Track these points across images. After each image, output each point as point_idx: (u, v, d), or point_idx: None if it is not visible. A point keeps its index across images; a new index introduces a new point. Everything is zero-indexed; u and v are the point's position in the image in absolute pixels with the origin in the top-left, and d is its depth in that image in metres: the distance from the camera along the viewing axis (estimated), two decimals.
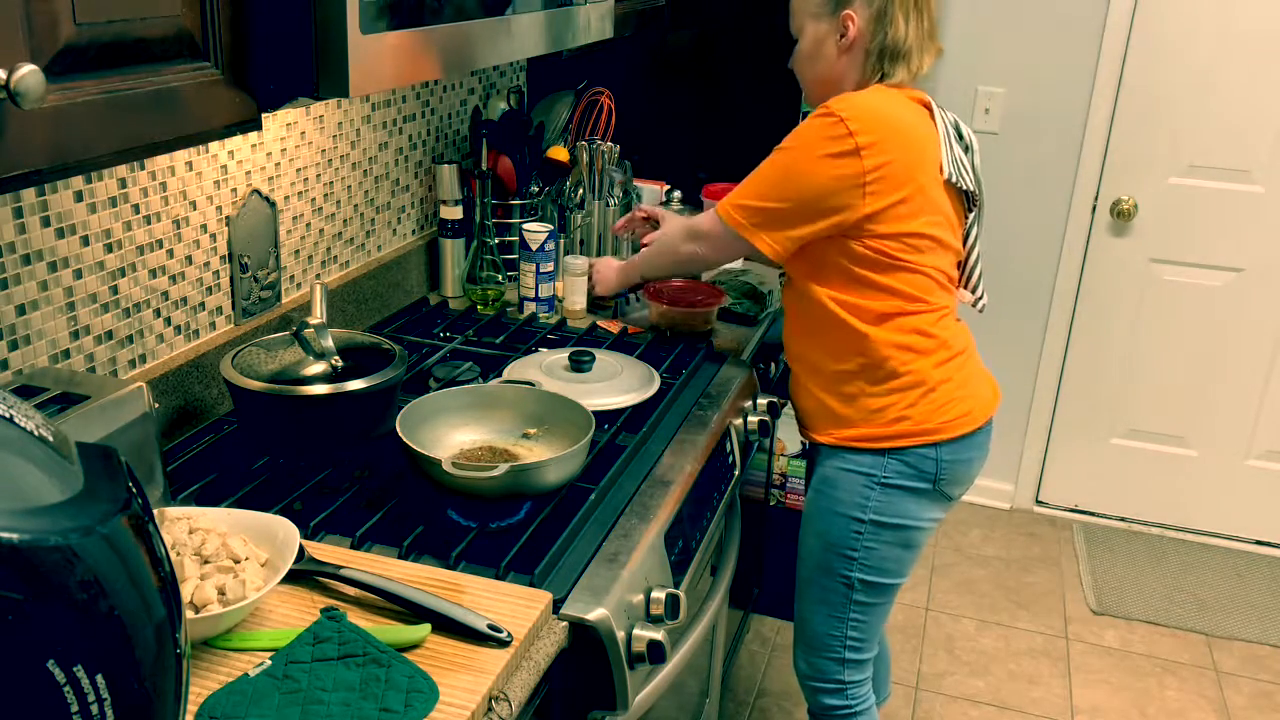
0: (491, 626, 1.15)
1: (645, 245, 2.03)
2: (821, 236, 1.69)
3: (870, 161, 1.63)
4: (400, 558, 1.30)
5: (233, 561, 1.15)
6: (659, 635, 1.30)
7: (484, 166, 2.24)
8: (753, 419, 1.93)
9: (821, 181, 1.65)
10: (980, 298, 1.87)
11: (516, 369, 1.79)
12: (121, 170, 1.46)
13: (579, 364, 1.78)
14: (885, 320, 1.72)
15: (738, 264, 2.50)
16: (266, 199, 1.76)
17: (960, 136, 1.78)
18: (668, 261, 1.95)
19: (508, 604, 1.21)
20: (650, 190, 2.63)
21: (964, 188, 1.75)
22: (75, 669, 0.65)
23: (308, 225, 1.90)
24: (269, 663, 1.07)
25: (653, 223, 2.10)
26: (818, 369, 1.80)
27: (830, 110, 1.65)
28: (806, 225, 1.68)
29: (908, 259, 1.70)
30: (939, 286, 1.75)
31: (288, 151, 1.81)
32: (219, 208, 1.66)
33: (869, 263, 1.69)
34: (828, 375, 1.79)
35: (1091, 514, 3.58)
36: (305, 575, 1.23)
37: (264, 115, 1.29)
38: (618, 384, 1.78)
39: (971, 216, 1.80)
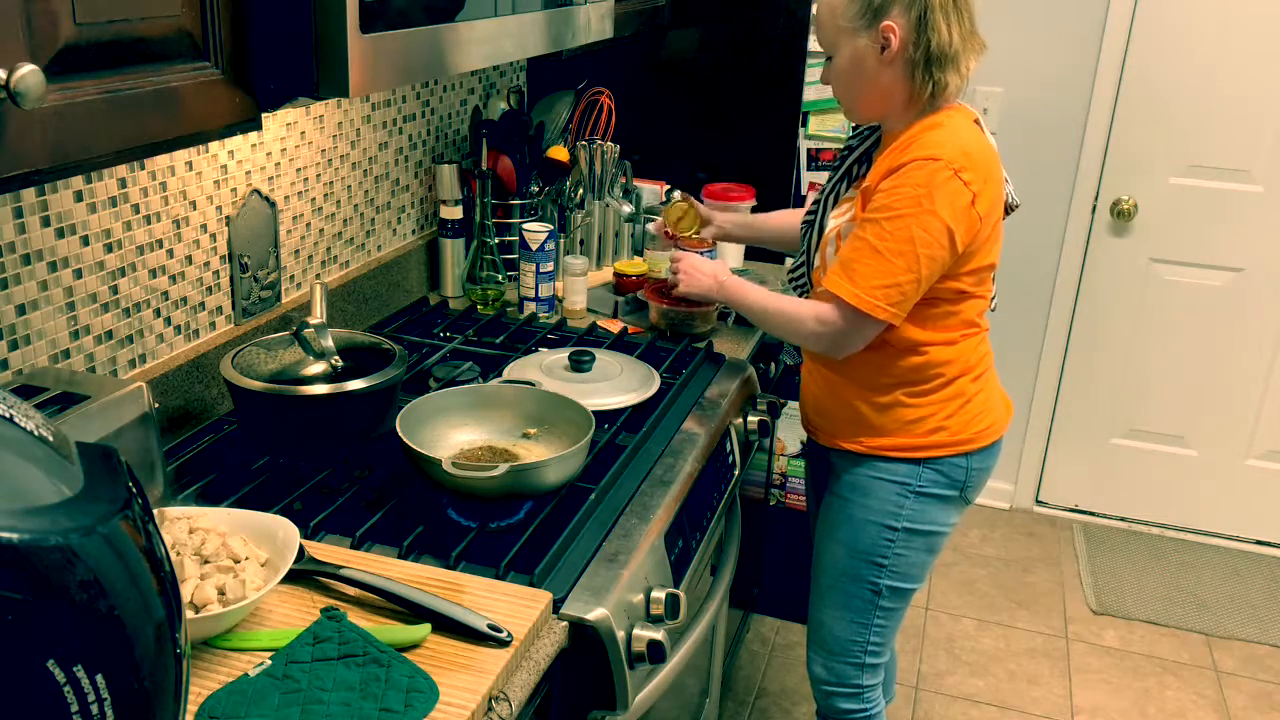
0: (491, 626, 1.15)
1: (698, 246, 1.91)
2: None
3: (982, 208, 1.60)
4: (400, 558, 1.30)
5: (233, 561, 1.15)
6: (659, 635, 1.30)
7: (484, 166, 2.24)
8: (753, 419, 1.93)
9: (948, 242, 1.59)
10: (993, 296, 1.86)
11: (516, 369, 1.79)
12: (121, 170, 1.46)
13: (579, 364, 1.78)
14: (943, 345, 1.71)
15: (738, 263, 2.51)
16: (266, 199, 1.76)
17: None
18: (778, 326, 1.76)
19: (508, 604, 1.21)
20: (650, 190, 2.63)
21: (1012, 204, 1.73)
22: (75, 669, 0.65)
23: (308, 225, 1.90)
24: (269, 663, 1.07)
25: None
26: (855, 379, 1.76)
27: (941, 161, 1.57)
28: (929, 284, 1.64)
29: (975, 290, 1.70)
30: (987, 307, 1.76)
31: (288, 151, 1.81)
32: (219, 208, 1.66)
33: (943, 299, 1.68)
34: (865, 385, 1.75)
35: (1091, 514, 3.58)
36: (305, 575, 1.23)
37: (264, 115, 1.29)
38: (618, 384, 1.78)
39: None
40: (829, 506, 1.86)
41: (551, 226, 2.18)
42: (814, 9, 1.67)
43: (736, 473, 1.86)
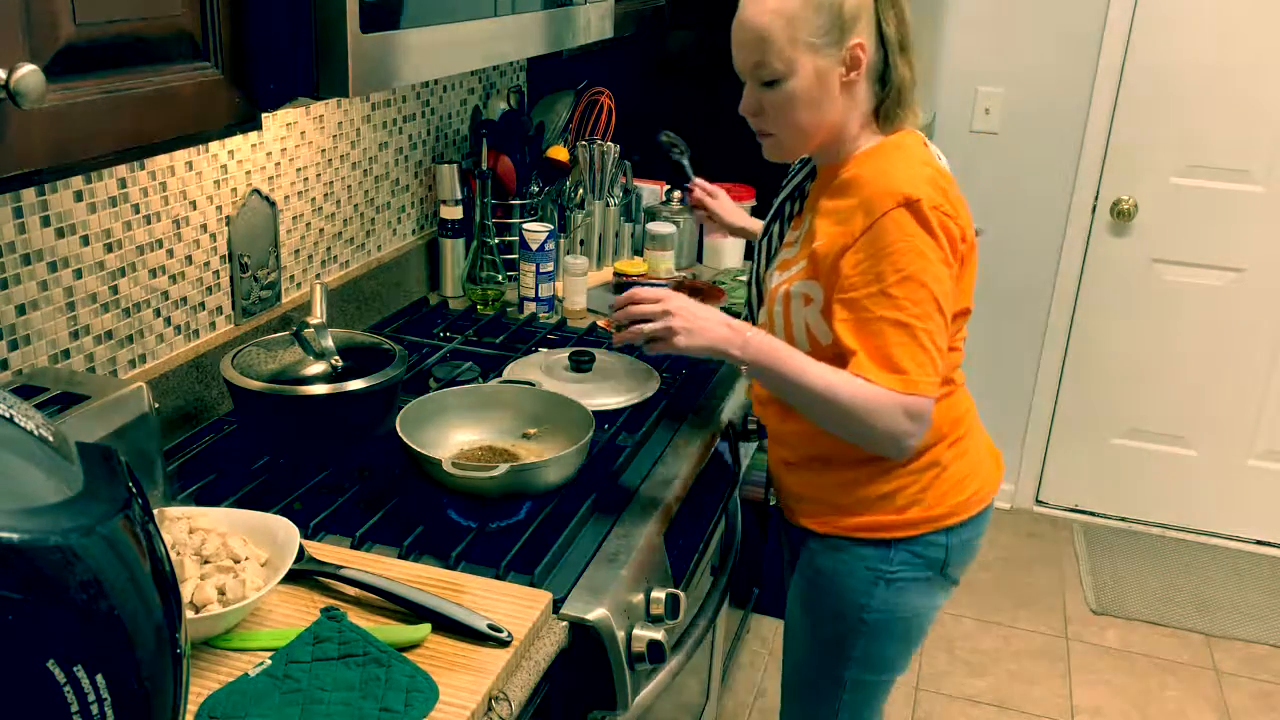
0: (491, 626, 1.15)
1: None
2: None
3: (961, 247, 1.41)
4: (400, 558, 1.30)
5: (233, 561, 1.15)
6: (659, 635, 1.30)
7: (484, 166, 2.24)
8: (752, 419, 1.93)
9: (951, 284, 1.39)
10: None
11: (516, 369, 1.79)
12: (121, 170, 1.46)
13: (579, 364, 1.78)
14: None
15: (737, 264, 2.51)
16: (266, 199, 1.76)
17: None
18: (836, 412, 1.38)
19: (508, 604, 1.20)
20: (650, 190, 2.63)
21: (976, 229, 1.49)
22: (75, 669, 0.65)
23: (308, 225, 1.90)
24: (269, 662, 1.07)
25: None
26: (818, 452, 1.54)
27: (920, 199, 1.35)
28: None
29: (953, 341, 1.47)
30: (963, 359, 1.55)
31: (288, 151, 1.81)
32: (219, 207, 1.66)
33: None
34: (828, 459, 1.53)
35: (1091, 514, 3.58)
36: (305, 575, 1.23)
37: (264, 115, 1.29)
38: (618, 384, 1.78)
39: None
40: (795, 589, 1.66)
41: (551, 226, 2.18)
42: (749, 21, 1.41)
43: (737, 473, 1.86)
